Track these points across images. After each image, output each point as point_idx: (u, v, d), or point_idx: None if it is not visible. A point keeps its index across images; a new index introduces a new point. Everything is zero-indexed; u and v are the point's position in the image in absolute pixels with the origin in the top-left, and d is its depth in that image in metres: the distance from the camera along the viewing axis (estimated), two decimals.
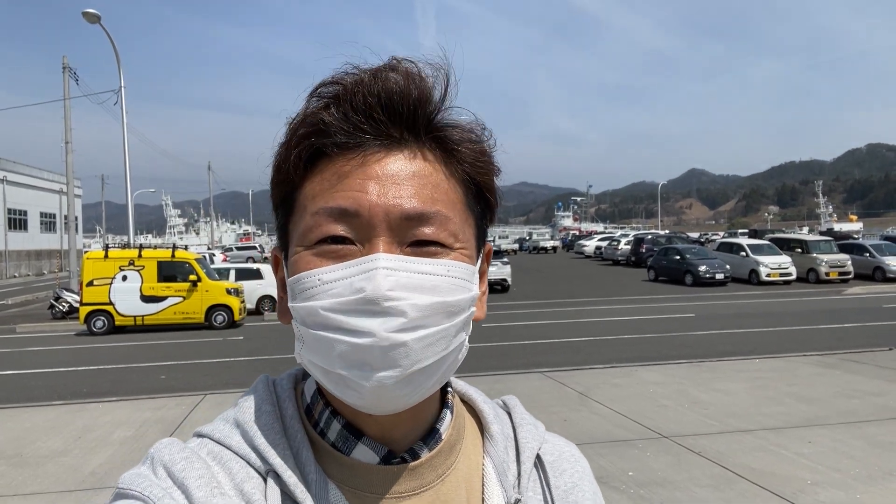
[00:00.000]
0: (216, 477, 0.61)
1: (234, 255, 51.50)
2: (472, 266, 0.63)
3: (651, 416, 7.07)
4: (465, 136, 0.65)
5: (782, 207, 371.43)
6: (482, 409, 0.74)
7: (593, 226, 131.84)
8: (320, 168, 0.62)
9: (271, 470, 0.62)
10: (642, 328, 14.90)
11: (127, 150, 22.02)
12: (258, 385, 0.70)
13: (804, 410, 7.15)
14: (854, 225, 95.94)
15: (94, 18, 19.71)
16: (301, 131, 0.62)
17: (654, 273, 29.03)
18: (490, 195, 0.68)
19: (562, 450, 0.77)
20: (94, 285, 16.99)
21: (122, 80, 21.88)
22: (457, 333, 0.61)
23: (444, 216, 0.61)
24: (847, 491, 4.83)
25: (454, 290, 0.60)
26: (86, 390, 9.81)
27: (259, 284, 21.13)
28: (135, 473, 0.61)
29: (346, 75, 0.62)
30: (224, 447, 0.64)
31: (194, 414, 7.77)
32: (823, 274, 25.83)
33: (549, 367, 10.06)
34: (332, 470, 0.64)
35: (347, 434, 0.64)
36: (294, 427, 0.65)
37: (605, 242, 43.70)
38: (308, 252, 0.60)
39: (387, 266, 0.57)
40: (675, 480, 5.17)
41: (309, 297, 0.59)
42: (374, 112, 0.60)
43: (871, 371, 9.03)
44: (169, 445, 0.64)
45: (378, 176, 0.60)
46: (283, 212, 0.66)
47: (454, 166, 0.64)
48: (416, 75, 0.62)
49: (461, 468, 0.68)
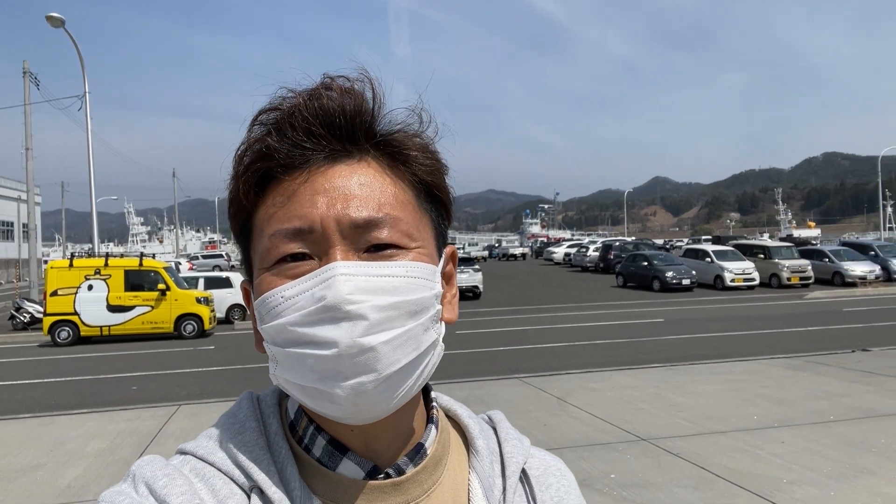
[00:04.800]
0: (199, 494, 0.60)
1: (200, 264, 50.66)
2: (431, 265, 0.64)
3: (629, 419, 7.18)
4: (406, 138, 0.66)
5: (743, 214, 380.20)
6: (467, 425, 0.74)
7: (561, 233, 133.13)
8: (270, 191, 0.63)
9: (255, 486, 0.61)
10: (615, 333, 15.11)
11: (91, 157, 21.55)
12: (242, 401, 0.71)
13: (776, 411, 7.34)
14: (812, 231, 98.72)
15: (58, 22, 19.28)
16: (247, 160, 0.63)
17: (622, 279, 29.45)
18: (441, 193, 0.68)
19: (548, 464, 0.77)
20: (59, 295, 16.57)
21: (86, 85, 21.42)
22: (424, 332, 0.61)
23: (393, 218, 0.62)
24: (821, 489, 4.98)
25: (415, 289, 0.60)
26: (54, 402, 9.55)
27: (229, 293, 20.84)
28: (116, 491, 0.60)
29: (284, 100, 0.64)
30: (207, 464, 0.64)
31: (169, 425, 7.63)
32: (785, 279, 26.53)
33: (525, 372, 10.14)
34: (316, 485, 0.64)
35: (332, 449, 0.65)
36: (278, 443, 0.65)
37: (574, 249, 44.18)
38: (269, 273, 0.61)
39: (345, 272, 0.58)
40: (657, 482, 5.27)
41: (275, 315, 0.60)
42: (314, 129, 0.62)
43: (838, 373, 9.32)
44: (151, 462, 0.63)
45: (325, 189, 0.61)
46: (243, 241, 0.67)
47: (400, 169, 0.65)
48: (350, 90, 0.64)
49: (447, 483, 0.68)
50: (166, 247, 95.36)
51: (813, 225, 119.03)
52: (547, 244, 57.27)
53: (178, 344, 16.17)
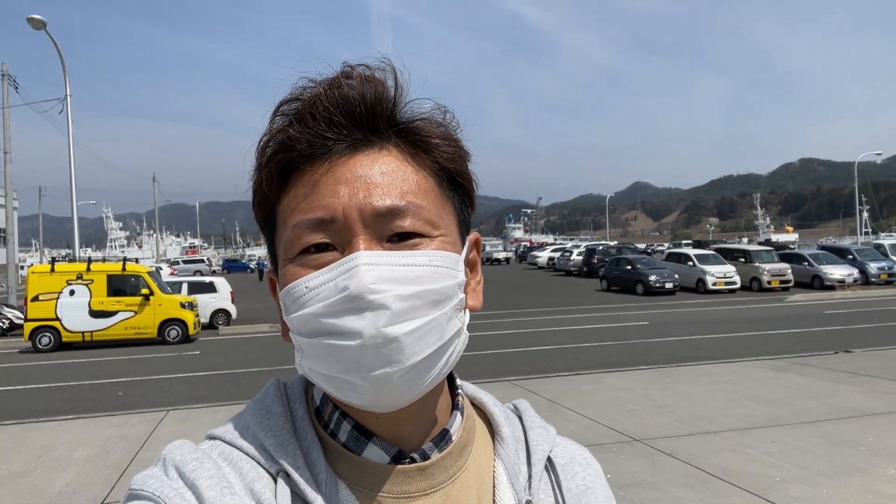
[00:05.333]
0: (227, 477, 0.61)
1: (181, 269, 50.17)
2: (454, 254, 0.64)
3: (621, 420, 7.24)
4: (428, 126, 0.66)
5: (722, 219, 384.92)
6: (492, 412, 0.74)
7: (543, 237, 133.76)
8: (293, 182, 0.63)
9: (282, 470, 0.62)
10: (602, 336, 15.22)
11: (73, 161, 21.27)
12: (269, 387, 0.72)
13: (765, 411, 7.45)
14: (790, 236, 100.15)
15: (40, 24, 19.02)
16: (269, 151, 0.63)
17: (606, 283, 29.67)
18: (463, 180, 0.68)
19: (574, 453, 0.77)
20: (40, 300, 16.31)
21: (67, 88, 21.15)
22: (448, 322, 0.61)
23: (416, 206, 0.61)
24: (814, 486, 5.06)
25: (437, 279, 0.60)
26: (39, 409, 9.40)
27: (213, 298, 20.67)
28: (147, 475, 0.62)
29: (304, 90, 0.63)
30: (235, 448, 0.65)
31: (159, 430, 7.55)
32: (766, 282, 26.90)
33: (515, 375, 10.17)
34: (342, 470, 0.64)
35: (358, 434, 0.65)
36: (304, 428, 0.66)
37: (558, 253, 44.36)
38: (293, 263, 0.62)
39: (367, 262, 0.58)
40: (653, 482, 5.32)
41: (299, 306, 0.60)
42: (335, 119, 0.62)
43: (822, 374, 9.47)
44: (181, 447, 0.64)
45: (346, 178, 0.61)
46: (268, 232, 0.68)
47: (422, 157, 0.65)
48: (371, 78, 0.63)
49: (472, 470, 0.68)
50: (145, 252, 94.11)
51: (791, 230, 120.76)
52: (531, 248, 57.51)
53: (162, 349, 15.99)
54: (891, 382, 8.68)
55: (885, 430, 6.48)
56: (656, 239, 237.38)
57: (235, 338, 18.26)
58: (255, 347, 15.94)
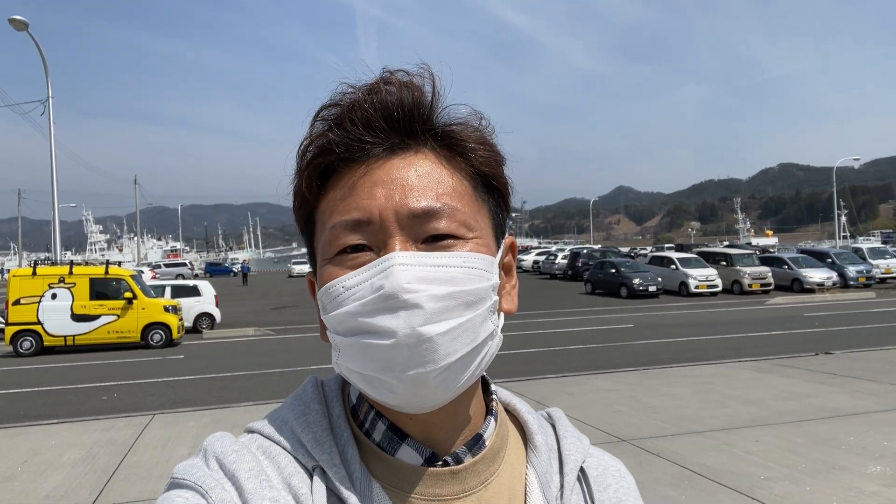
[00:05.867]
0: (265, 470, 0.62)
1: (163, 273, 49.67)
2: (489, 256, 0.64)
3: (608, 421, 7.33)
4: (464, 130, 0.67)
5: (703, 223, 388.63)
6: (526, 420, 0.74)
7: (527, 241, 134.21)
8: (332, 185, 0.65)
9: (318, 466, 0.63)
10: (587, 339, 15.35)
11: (55, 163, 21.04)
12: (307, 385, 0.73)
13: (748, 412, 7.57)
14: (770, 240, 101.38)
15: (22, 25, 18.81)
16: (309, 155, 0.65)
17: (590, 286, 29.89)
18: (498, 184, 0.69)
19: (607, 464, 0.76)
20: (21, 304, 16.13)
21: (49, 90, 20.93)
22: (482, 323, 0.62)
23: (452, 208, 0.62)
24: (797, 484, 5.17)
25: (471, 280, 0.61)
26: (23, 413, 9.30)
27: (197, 302, 20.56)
28: (189, 464, 0.63)
29: (344, 95, 0.65)
30: (273, 442, 0.66)
31: (146, 434, 7.50)
32: (747, 285, 27.26)
33: (503, 377, 10.24)
34: (375, 469, 0.65)
35: (392, 435, 0.66)
36: (340, 426, 0.67)
37: (543, 257, 44.62)
38: (330, 264, 0.63)
39: (403, 262, 0.59)
40: (640, 480, 5.33)
41: (336, 305, 0.61)
42: (373, 123, 0.63)
43: (803, 375, 9.64)
44: (221, 439, 0.66)
45: (383, 181, 0.62)
46: (307, 234, 0.69)
47: (458, 161, 0.66)
48: (409, 84, 0.65)
49: (504, 476, 0.68)
50: (126, 255, 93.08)
51: (770, 233, 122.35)
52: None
53: (146, 353, 15.86)
54: (870, 383, 8.86)
55: (865, 430, 6.63)
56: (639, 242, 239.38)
57: (220, 342, 18.16)
58: (239, 351, 15.86)
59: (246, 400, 9.54)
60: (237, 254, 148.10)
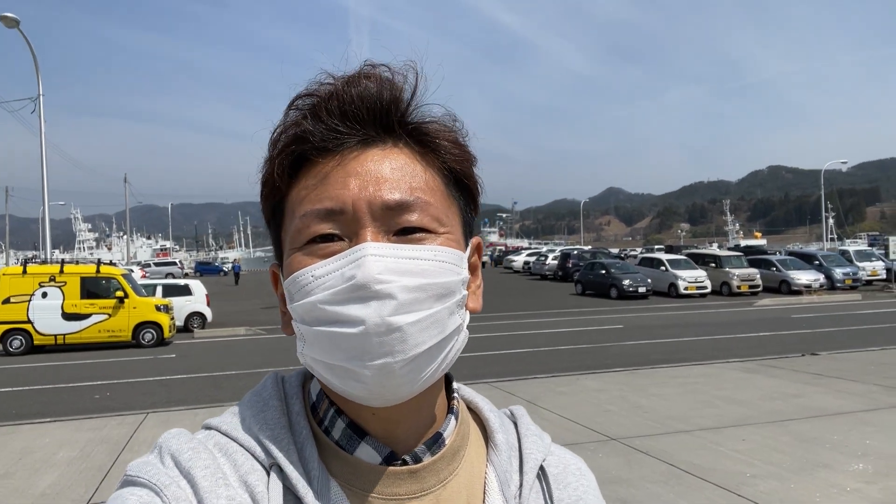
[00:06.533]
0: (221, 468, 0.62)
1: (153, 272, 49.36)
2: (459, 251, 0.65)
3: (598, 420, 7.44)
4: (438, 128, 0.67)
5: (693, 225, 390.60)
6: (487, 418, 0.74)
7: (518, 241, 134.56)
8: (304, 174, 0.64)
9: (275, 464, 0.62)
10: (577, 339, 15.48)
11: (45, 161, 20.95)
12: (267, 380, 0.72)
13: (735, 411, 7.71)
14: (759, 241, 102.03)
15: (13, 23, 18.73)
16: (282, 143, 0.64)
17: (581, 287, 30.07)
18: (469, 182, 0.69)
19: (567, 462, 0.76)
20: (11, 303, 16.04)
21: (40, 87, 20.84)
22: (450, 316, 0.62)
23: (424, 202, 0.63)
24: (782, 482, 5.30)
25: (442, 273, 0.61)
26: (15, 412, 9.30)
27: (188, 301, 20.53)
28: (143, 462, 0.63)
29: (321, 86, 0.65)
30: (230, 439, 0.65)
31: (140, 433, 7.54)
32: (735, 287, 27.52)
33: (494, 377, 10.33)
34: (334, 468, 0.65)
35: (351, 433, 0.65)
36: (300, 423, 0.66)
37: (534, 258, 44.79)
38: (300, 253, 0.63)
39: (375, 253, 0.59)
40: (630, 478, 5.51)
41: (305, 294, 0.61)
42: (349, 115, 0.63)
43: (790, 375, 9.80)
44: (177, 436, 0.65)
45: (357, 172, 0.62)
46: (274, 224, 0.68)
47: (431, 157, 0.66)
48: (388, 80, 0.65)
49: (463, 475, 0.68)
50: (115, 254, 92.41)
51: (759, 235, 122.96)
52: (506, 252, 57.90)
53: (138, 353, 15.84)
54: (854, 383, 9.02)
55: (849, 429, 6.77)
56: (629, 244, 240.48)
57: (211, 341, 18.15)
58: (231, 350, 15.89)
59: (239, 398, 9.56)
60: (227, 253, 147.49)
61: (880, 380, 9.20)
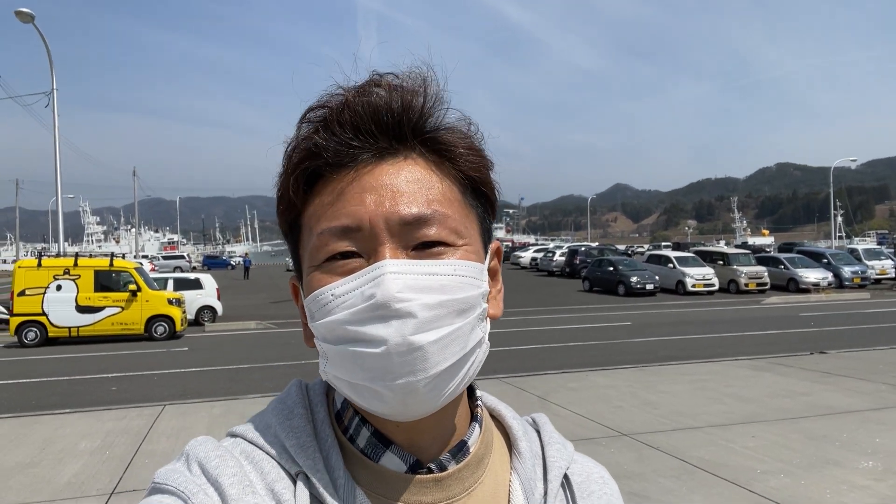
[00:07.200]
0: (248, 476, 0.61)
1: (161, 265, 49.67)
2: (478, 263, 0.64)
3: (609, 416, 7.55)
4: (453, 136, 0.66)
5: (700, 222, 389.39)
6: (511, 425, 0.74)
7: (525, 237, 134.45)
8: (319, 189, 0.63)
9: (301, 472, 0.62)
10: (586, 336, 15.58)
11: (58, 156, 21.15)
12: (291, 388, 0.72)
13: (744, 409, 7.80)
14: (766, 239, 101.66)
15: (28, 18, 18.91)
16: (296, 158, 0.64)
17: (588, 283, 30.13)
18: (486, 189, 0.68)
19: (590, 471, 0.76)
20: (27, 295, 16.26)
21: (54, 82, 21.03)
22: (471, 331, 0.62)
23: (442, 214, 0.62)
24: (792, 478, 5.39)
25: (462, 288, 0.61)
26: (35, 403, 9.48)
27: (199, 294, 20.71)
28: (170, 469, 0.63)
29: (332, 97, 0.64)
30: (256, 447, 0.65)
31: (159, 424, 7.69)
32: (743, 285, 27.53)
33: (505, 373, 10.45)
34: (359, 476, 0.64)
35: (376, 441, 0.65)
36: (325, 431, 0.66)
37: (541, 254, 44.85)
38: (318, 271, 0.62)
39: (394, 270, 0.58)
40: (642, 473, 5.62)
41: (325, 313, 0.60)
42: (362, 127, 0.62)
43: (798, 373, 9.87)
44: (204, 443, 0.65)
45: (373, 186, 0.61)
46: (292, 238, 0.68)
47: (447, 167, 0.65)
48: (399, 87, 0.64)
49: (488, 483, 0.68)
50: (123, 247, 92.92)
51: (767, 233, 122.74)
52: (513, 249, 57.98)
53: (150, 346, 16.03)
54: (864, 382, 9.09)
55: (858, 427, 6.85)
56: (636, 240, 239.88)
57: (223, 334, 18.34)
58: (243, 344, 16.05)
59: (255, 392, 9.73)
60: (234, 247, 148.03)
61: (889, 379, 9.26)
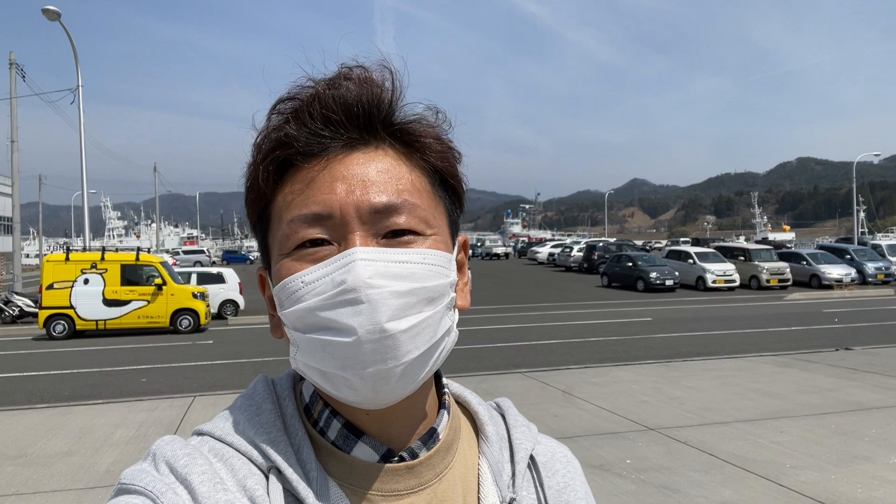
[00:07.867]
0: (219, 473, 0.61)
1: (181, 260, 50.33)
2: (447, 253, 0.65)
3: (634, 410, 7.57)
4: (421, 127, 0.67)
5: (719, 217, 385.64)
6: (477, 411, 0.75)
7: (541, 233, 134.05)
8: (289, 179, 0.64)
9: (273, 467, 0.62)
10: (607, 331, 15.57)
11: (84, 152, 21.48)
12: (258, 384, 0.71)
13: (771, 404, 7.79)
14: (787, 235, 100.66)
15: (54, 15, 19.22)
16: (266, 148, 0.64)
17: (607, 279, 30.04)
18: (454, 180, 0.69)
19: (554, 451, 0.78)
20: (55, 289, 16.58)
21: (79, 78, 21.35)
22: (440, 320, 0.62)
23: (411, 204, 0.62)
24: (822, 472, 5.40)
25: (432, 276, 0.61)
26: (67, 394, 9.70)
27: (222, 289, 20.97)
28: (137, 469, 0.62)
29: (303, 89, 0.64)
30: (225, 444, 0.65)
31: (190, 415, 7.86)
32: (765, 281, 27.31)
33: (527, 367, 10.51)
34: (332, 468, 0.65)
35: (347, 433, 0.66)
36: (294, 425, 0.66)
37: (558, 249, 44.77)
38: (288, 259, 0.62)
39: (364, 257, 0.58)
40: (670, 466, 5.65)
41: (295, 300, 0.60)
42: (332, 118, 0.62)
43: (824, 369, 9.82)
44: (171, 442, 0.64)
45: (343, 176, 0.62)
46: (261, 228, 0.68)
47: (415, 157, 0.66)
48: (368, 79, 0.65)
49: (458, 468, 0.70)
50: (143, 242, 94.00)
51: (787, 228, 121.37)
52: (530, 244, 57.89)
53: (175, 339, 16.29)
54: (891, 378, 9.03)
55: (886, 423, 6.83)
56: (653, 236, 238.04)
57: (246, 328, 18.56)
58: (266, 337, 16.19)
59: None
60: (252, 242, 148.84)
61: None
